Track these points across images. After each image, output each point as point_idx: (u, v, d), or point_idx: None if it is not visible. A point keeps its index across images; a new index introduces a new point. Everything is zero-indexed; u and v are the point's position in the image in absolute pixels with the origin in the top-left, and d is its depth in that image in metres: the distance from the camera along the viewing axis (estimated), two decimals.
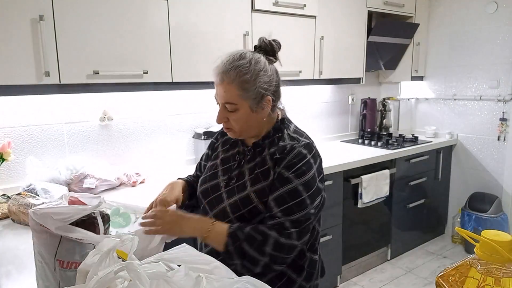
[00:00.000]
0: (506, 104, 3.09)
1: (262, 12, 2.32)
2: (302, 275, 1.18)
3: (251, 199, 1.11)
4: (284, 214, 1.06)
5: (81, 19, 1.72)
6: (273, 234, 1.05)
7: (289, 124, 1.22)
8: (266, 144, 1.17)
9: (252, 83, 1.09)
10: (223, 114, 1.13)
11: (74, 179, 1.92)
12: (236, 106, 1.10)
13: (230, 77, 1.08)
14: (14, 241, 1.40)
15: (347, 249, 2.73)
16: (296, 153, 1.10)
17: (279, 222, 1.06)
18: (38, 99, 1.96)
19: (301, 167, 1.08)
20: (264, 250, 1.04)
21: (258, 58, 1.12)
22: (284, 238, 1.05)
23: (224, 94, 1.10)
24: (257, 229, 1.06)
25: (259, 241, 1.04)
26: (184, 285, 0.60)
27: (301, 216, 1.07)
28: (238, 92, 1.09)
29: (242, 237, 1.05)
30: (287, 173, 1.08)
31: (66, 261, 0.88)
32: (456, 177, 3.48)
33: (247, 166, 1.17)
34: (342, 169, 2.53)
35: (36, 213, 0.87)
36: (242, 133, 1.16)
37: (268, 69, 1.13)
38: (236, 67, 1.08)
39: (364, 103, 3.43)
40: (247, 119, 1.12)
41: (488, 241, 0.64)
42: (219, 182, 1.20)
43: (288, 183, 1.08)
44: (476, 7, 3.18)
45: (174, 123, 2.44)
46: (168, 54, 2.00)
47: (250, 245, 1.04)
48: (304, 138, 1.16)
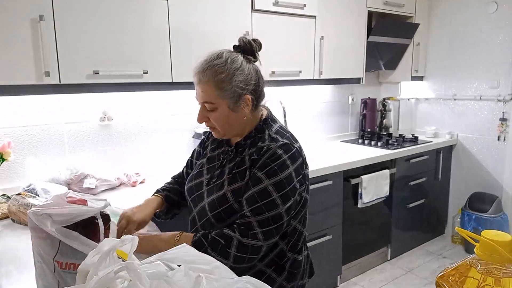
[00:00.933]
0: (506, 104, 3.09)
1: (262, 12, 2.32)
2: (283, 275, 1.19)
3: (227, 198, 1.13)
4: (253, 214, 1.08)
5: (81, 19, 1.72)
6: (236, 236, 1.07)
7: (272, 124, 1.21)
8: (247, 144, 1.18)
9: (228, 82, 1.09)
10: (203, 113, 1.14)
11: (74, 179, 1.92)
12: (214, 105, 1.11)
13: (206, 77, 1.10)
14: (14, 241, 1.40)
15: (347, 249, 2.73)
16: (271, 153, 1.11)
17: (246, 222, 1.08)
18: (38, 99, 1.96)
19: (273, 167, 1.09)
20: (228, 253, 1.06)
21: (234, 57, 1.12)
22: (247, 238, 1.07)
23: (202, 93, 1.12)
24: (221, 233, 1.08)
25: (223, 245, 1.07)
26: (184, 285, 0.60)
27: (270, 216, 1.08)
28: (215, 91, 1.10)
29: (206, 243, 1.08)
30: (259, 173, 1.10)
31: (65, 262, 0.87)
32: (456, 177, 3.48)
33: (228, 166, 1.19)
34: (342, 169, 2.53)
35: (35, 214, 0.86)
36: (225, 132, 1.18)
37: (245, 68, 1.12)
38: (212, 67, 1.09)
39: (364, 103, 3.43)
40: (227, 118, 1.13)
41: (488, 241, 0.64)
42: (203, 180, 1.23)
43: (259, 183, 1.09)
44: (476, 7, 3.18)
45: (174, 123, 2.44)
46: (168, 54, 2.00)
47: (214, 249, 1.06)
48: (284, 139, 1.15)
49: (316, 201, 2.40)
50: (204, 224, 1.18)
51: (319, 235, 2.48)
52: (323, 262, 2.55)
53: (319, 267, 2.54)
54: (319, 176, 2.39)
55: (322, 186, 2.42)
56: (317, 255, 2.49)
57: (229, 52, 1.14)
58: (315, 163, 2.46)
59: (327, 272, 2.61)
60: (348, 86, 3.37)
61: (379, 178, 2.75)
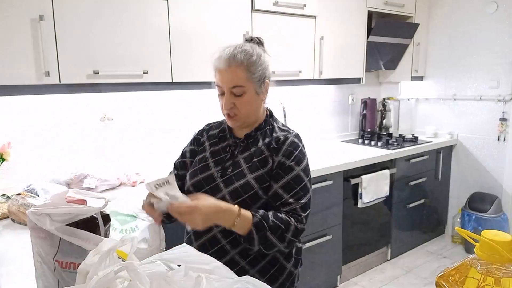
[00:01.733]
0: (506, 104, 3.09)
1: (262, 12, 2.32)
2: (291, 261, 1.26)
3: (252, 185, 1.17)
4: (295, 200, 1.15)
5: (81, 19, 1.72)
6: (293, 222, 1.13)
7: (276, 119, 1.32)
8: (258, 135, 1.25)
9: (258, 64, 1.18)
10: (230, 99, 1.18)
11: (74, 179, 1.92)
12: (244, 88, 1.16)
13: (238, 61, 1.15)
14: (14, 241, 1.40)
15: (347, 249, 2.73)
16: (290, 142, 1.20)
17: (293, 208, 1.15)
18: (38, 99, 1.96)
19: (298, 155, 1.19)
20: (284, 237, 1.11)
21: (254, 45, 1.21)
22: (299, 224, 1.14)
23: (233, 77, 1.16)
24: (280, 218, 1.12)
25: (283, 229, 1.11)
26: (184, 285, 0.60)
27: (307, 199, 1.18)
28: (246, 74, 1.16)
29: (267, 226, 1.10)
30: (288, 162, 1.17)
31: (65, 261, 0.87)
32: (456, 177, 3.48)
33: (241, 156, 1.23)
34: (342, 169, 2.53)
35: (34, 213, 0.86)
36: (246, 118, 1.22)
37: (265, 55, 1.22)
38: (243, 51, 1.16)
39: (364, 103, 3.43)
40: (252, 102, 1.20)
41: (488, 241, 0.64)
42: (213, 173, 1.24)
43: (291, 170, 1.17)
44: (476, 7, 3.18)
45: (174, 123, 2.44)
46: (168, 54, 2.00)
47: (274, 233, 1.10)
48: (292, 130, 1.27)
49: (316, 201, 2.40)
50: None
51: (319, 235, 2.48)
52: (323, 262, 2.55)
53: (319, 267, 2.54)
54: (319, 176, 2.39)
55: (322, 186, 2.42)
56: (317, 255, 2.49)
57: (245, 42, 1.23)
58: (315, 163, 2.46)
59: (327, 272, 2.61)
60: (348, 86, 3.38)
61: (379, 178, 2.75)
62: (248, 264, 1.18)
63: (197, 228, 1.04)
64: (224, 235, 1.17)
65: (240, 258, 1.18)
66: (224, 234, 1.17)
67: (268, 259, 1.20)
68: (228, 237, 1.17)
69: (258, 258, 1.19)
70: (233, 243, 1.17)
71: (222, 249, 1.18)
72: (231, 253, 1.17)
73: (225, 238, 1.17)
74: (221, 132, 1.32)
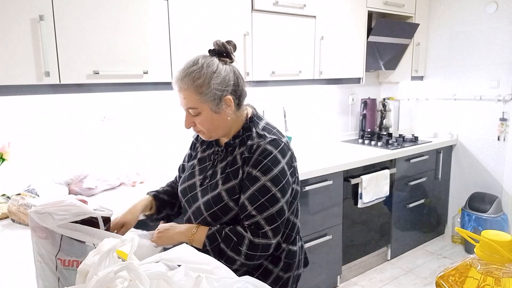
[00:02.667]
0: (506, 104, 3.09)
1: (262, 12, 2.32)
2: (279, 265, 1.23)
3: (222, 197, 1.16)
4: (258, 212, 1.12)
5: (81, 19, 1.72)
6: (248, 236, 1.11)
7: (258, 122, 1.24)
8: (236, 143, 1.22)
9: (206, 86, 1.13)
10: (189, 119, 1.20)
11: (74, 179, 1.92)
12: (198, 110, 1.15)
13: (185, 84, 1.14)
14: (14, 241, 1.40)
15: (347, 249, 2.73)
16: (261, 150, 1.14)
17: (255, 221, 1.12)
18: (38, 99, 1.96)
19: (267, 164, 1.13)
20: (239, 250, 1.11)
21: (210, 62, 1.15)
22: (258, 238, 1.11)
23: (184, 100, 1.16)
24: (234, 231, 1.12)
25: (235, 242, 1.11)
26: (184, 285, 0.60)
27: (274, 210, 1.12)
28: (196, 96, 1.14)
29: (220, 238, 1.12)
30: (254, 171, 1.13)
31: (68, 260, 0.88)
32: (456, 177, 3.48)
33: (220, 166, 1.22)
34: (342, 169, 2.53)
35: (37, 212, 0.86)
36: (211, 134, 1.21)
37: (221, 71, 1.15)
38: (189, 74, 1.13)
39: (364, 103, 3.43)
40: (211, 121, 1.17)
41: (488, 241, 0.64)
42: (195, 181, 1.26)
43: (257, 181, 1.13)
44: (476, 7, 3.18)
45: (174, 123, 2.43)
46: (168, 54, 2.00)
47: (227, 245, 1.11)
48: (271, 135, 1.19)
49: (316, 201, 2.40)
50: (200, 224, 1.21)
51: (319, 235, 2.48)
52: (323, 262, 2.55)
53: (319, 267, 2.54)
54: (319, 176, 2.39)
55: (322, 186, 2.42)
56: (317, 255, 2.49)
57: (204, 57, 1.17)
58: (315, 163, 2.46)
59: (327, 272, 2.61)
60: (348, 86, 3.38)
61: (379, 178, 2.75)
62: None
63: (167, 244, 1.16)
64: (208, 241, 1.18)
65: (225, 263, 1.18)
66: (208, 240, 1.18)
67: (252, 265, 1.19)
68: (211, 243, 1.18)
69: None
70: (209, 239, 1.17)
71: (206, 253, 1.18)
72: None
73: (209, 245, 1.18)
74: None
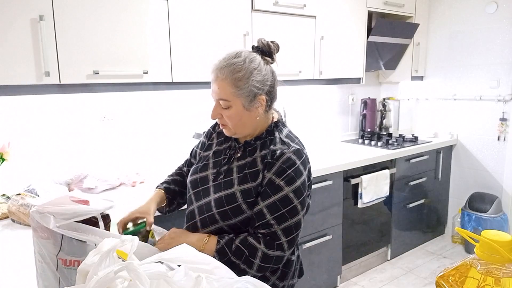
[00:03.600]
0: (506, 104, 3.09)
1: (262, 12, 2.32)
2: (276, 274, 1.20)
3: (236, 198, 1.13)
4: (277, 222, 1.09)
5: (81, 19, 1.72)
6: (261, 248, 1.08)
7: (282, 128, 1.23)
8: (257, 145, 1.19)
9: (245, 81, 1.10)
10: (217, 110, 1.15)
11: (74, 179, 1.92)
12: (229, 103, 1.12)
13: (224, 74, 1.11)
14: (14, 241, 1.40)
15: (347, 249, 2.73)
16: (286, 159, 1.11)
17: (272, 231, 1.09)
18: (38, 99, 1.96)
19: (290, 174, 1.10)
20: (252, 262, 1.08)
21: (253, 58, 1.14)
22: (273, 250, 1.08)
23: (218, 90, 1.12)
24: (246, 243, 1.09)
25: (247, 255, 1.08)
26: (184, 285, 0.60)
27: (293, 223, 1.10)
28: (231, 89, 1.10)
29: (230, 253, 1.08)
30: (278, 180, 1.10)
31: (69, 259, 0.88)
32: (456, 177, 3.48)
33: (236, 164, 1.19)
34: (342, 169, 2.53)
35: (38, 212, 0.87)
36: (237, 130, 1.17)
37: (262, 69, 1.14)
38: (230, 65, 1.11)
39: (364, 103, 3.43)
40: (240, 117, 1.14)
41: (488, 241, 0.64)
42: (208, 175, 1.22)
43: (279, 190, 1.10)
44: (476, 7, 3.18)
45: (174, 123, 2.44)
46: (168, 54, 2.00)
47: (238, 258, 1.08)
48: (295, 144, 1.17)
49: (316, 201, 2.40)
50: (204, 219, 1.18)
51: (319, 235, 2.48)
52: (323, 262, 2.55)
53: (319, 267, 2.54)
54: (319, 176, 2.39)
55: (322, 186, 2.42)
56: (317, 255, 2.49)
57: (248, 52, 1.16)
58: (315, 163, 2.46)
59: (327, 272, 2.61)
60: (348, 86, 3.38)
61: (379, 178, 2.75)
62: None
63: None
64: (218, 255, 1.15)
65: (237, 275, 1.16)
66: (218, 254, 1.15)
67: None
68: None
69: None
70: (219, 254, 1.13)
71: None
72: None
73: None
74: None
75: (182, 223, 1.32)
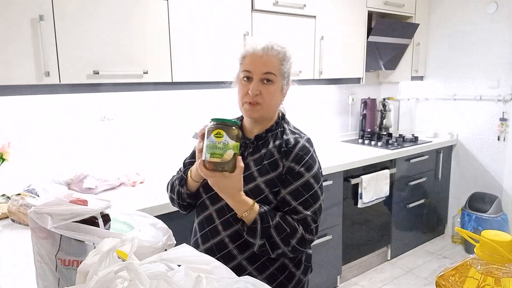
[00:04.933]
0: (506, 104, 3.09)
1: (262, 12, 2.32)
2: (301, 268, 1.23)
3: (262, 189, 1.14)
4: (304, 208, 1.12)
5: (81, 19, 1.72)
6: (300, 229, 1.11)
7: (289, 121, 1.30)
8: (269, 137, 1.22)
9: (288, 63, 1.20)
10: (258, 86, 1.16)
11: (74, 179, 1.92)
12: (275, 78, 1.16)
13: (275, 51, 1.17)
14: (14, 241, 1.40)
15: (347, 249, 2.73)
16: (301, 146, 1.17)
17: (303, 217, 1.12)
18: (38, 99, 1.96)
19: (308, 161, 1.16)
20: (289, 242, 1.09)
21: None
22: (308, 234, 1.12)
23: (267, 63, 1.15)
24: (287, 221, 1.10)
25: (287, 233, 1.09)
26: (184, 285, 0.60)
27: (317, 208, 1.14)
28: (279, 65, 1.17)
29: (271, 222, 1.09)
30: (297, 167, 1.14)
31: (68, 259, 0.87)
32: (456, 177, 3.48)
33: (251, 158, 1.20)
34: (342, 169, 2.53)
35: (36, 212, 0.86)
36: (267, 111, 1.19)
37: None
38: (279, 45, 1.19)
39: (364, 103, 3.43)
40: (274, 95, 1.18)
41: (488, 241, 0.64)
42: None
43: (300, 177, 1.14)
44: (476, 7, 3.18)
45: (174, 123, 2.44)
46: (168, 54, 2.00)
47: (278, 233, 1.09)
48: (304, 134, 1.25)
49: None
50: (227, 220, 1.16)
51: (319, 235, 2.47)
52: (323, 262, 2.55)
53: (319, 267, 2.54)
54: None
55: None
56: (317, 255, 2.49)
57: None
58: None
59: (327, 272, 2.61)
60: (348, 86, 3.38)
61: (379, 178, 2.75)
62: (256, 270, 1.16)
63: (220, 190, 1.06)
64: (232, 240, 1.15)
65: (248, 263, 1.15)
66: (232, 239, 1.15)
67: (276, 266, 1.18)
68: (236, 241, 1.15)
69: (266, 264, 1.16)
70: (241, 248, 1.15)
71: (230, 254, 1.16)
72: (238, 258, 1.15)
73: (232, 243, 1.15)
74: None
75: (189, 223, 1.32)
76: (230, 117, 1.22)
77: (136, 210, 1.41)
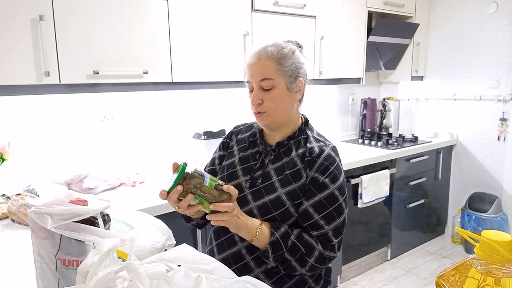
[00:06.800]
0: (506, 104, 3.09)
1: (262, 12, 2.32)
2: (320, 283, 1.18)
3: (283, 201, 1.08)
4: (327, 222, 1.06)
5: (81, 19, 1.72)
6: (319, 248, 1.06)
7: (312, 128, 1.23)
8: (291, 145, 1.16)
9: (289, 59, 1.10)
10: (259, 94, 1.10)
11: (74, 179, 1.92)
12: (273, 82, 1.09)
13: (268, 53, 1.09)
14: (14, 241, 1.40)
15: (347, 249, 2.73)
16: (326, 156, 1.10)
17: (324, 233, 1.07)
18: (38, 99, 1.96)
19: (333, 171, 1.09)
20: (306, 261, 1.05)
21: (289, 44, 1.15)
22: (328, 251, 1.07)
23: (261, 69, 1.09)
24: (303, 240, 1.05)
25: (303, 253, 1.04)
26: (184, 285, 0.60)
27: (340, 222, 1.08)
28: (276, 67, 1.09)
29: (285, 248, 1.04)
30: (322, 178, 1.08)
31: (68, 259, 0.87)
32: (456, 177, 3.48)
33: (272, 167, 1.14)
34: None
35: (36, 212, 0.86)
36: (276, 117, 1.12)
37: (300, 54, 1.15)
38: (274, 44, 1.11)
39: (364, 103, 3.43)
40: (282, 99, 1.11)
41: (488, 241, 0.64)
42: (241, 182, 1.15)
43: (325, 188, 1.08)
44: (476, 7, 3.18)
45: (174, 123, 2.43)
46: (168, 54, 2.00)
47: (292, 255, 1.04)
48: (329, 142, 1.17)
49: None
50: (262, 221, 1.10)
51: None
52: None
53: None
54: None
55: None
56: None
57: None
58: None
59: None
60: (348, 86, 3.38)
61: (379, 178, 2.75)
62: (273, 284, 1.10)
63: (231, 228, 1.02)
64: (249, 251, 1.10)
65: (265, 277, 1.10)
66: (249, 250, 1.10)
67: (295, 281, 1.12)
68: (253, 253, 1.10)
69: (284, 278, 1.11)
70: (258, 261, 1.10)
71: (247, 266, 1.11)
72: (255, 271, 1.10)
73: (250, 255, 1.10)
74: (251, 136, 1.23)
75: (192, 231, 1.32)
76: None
77: (136, 210, 1.41)
